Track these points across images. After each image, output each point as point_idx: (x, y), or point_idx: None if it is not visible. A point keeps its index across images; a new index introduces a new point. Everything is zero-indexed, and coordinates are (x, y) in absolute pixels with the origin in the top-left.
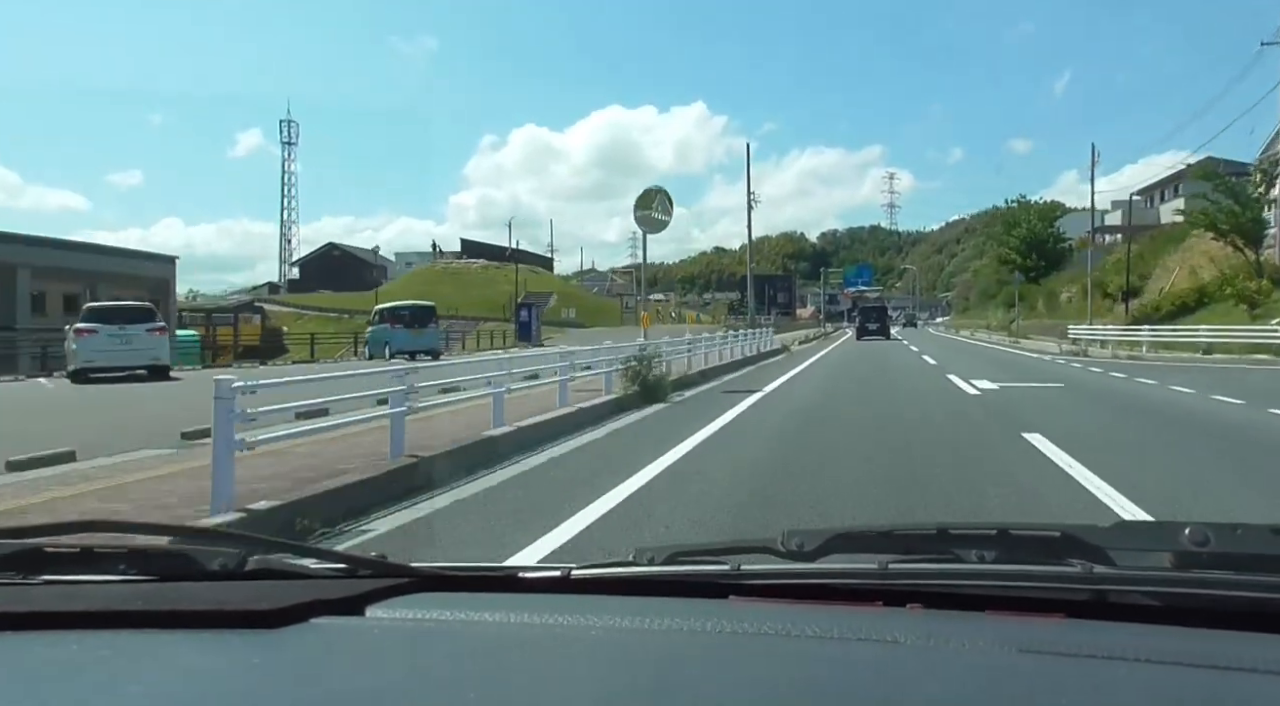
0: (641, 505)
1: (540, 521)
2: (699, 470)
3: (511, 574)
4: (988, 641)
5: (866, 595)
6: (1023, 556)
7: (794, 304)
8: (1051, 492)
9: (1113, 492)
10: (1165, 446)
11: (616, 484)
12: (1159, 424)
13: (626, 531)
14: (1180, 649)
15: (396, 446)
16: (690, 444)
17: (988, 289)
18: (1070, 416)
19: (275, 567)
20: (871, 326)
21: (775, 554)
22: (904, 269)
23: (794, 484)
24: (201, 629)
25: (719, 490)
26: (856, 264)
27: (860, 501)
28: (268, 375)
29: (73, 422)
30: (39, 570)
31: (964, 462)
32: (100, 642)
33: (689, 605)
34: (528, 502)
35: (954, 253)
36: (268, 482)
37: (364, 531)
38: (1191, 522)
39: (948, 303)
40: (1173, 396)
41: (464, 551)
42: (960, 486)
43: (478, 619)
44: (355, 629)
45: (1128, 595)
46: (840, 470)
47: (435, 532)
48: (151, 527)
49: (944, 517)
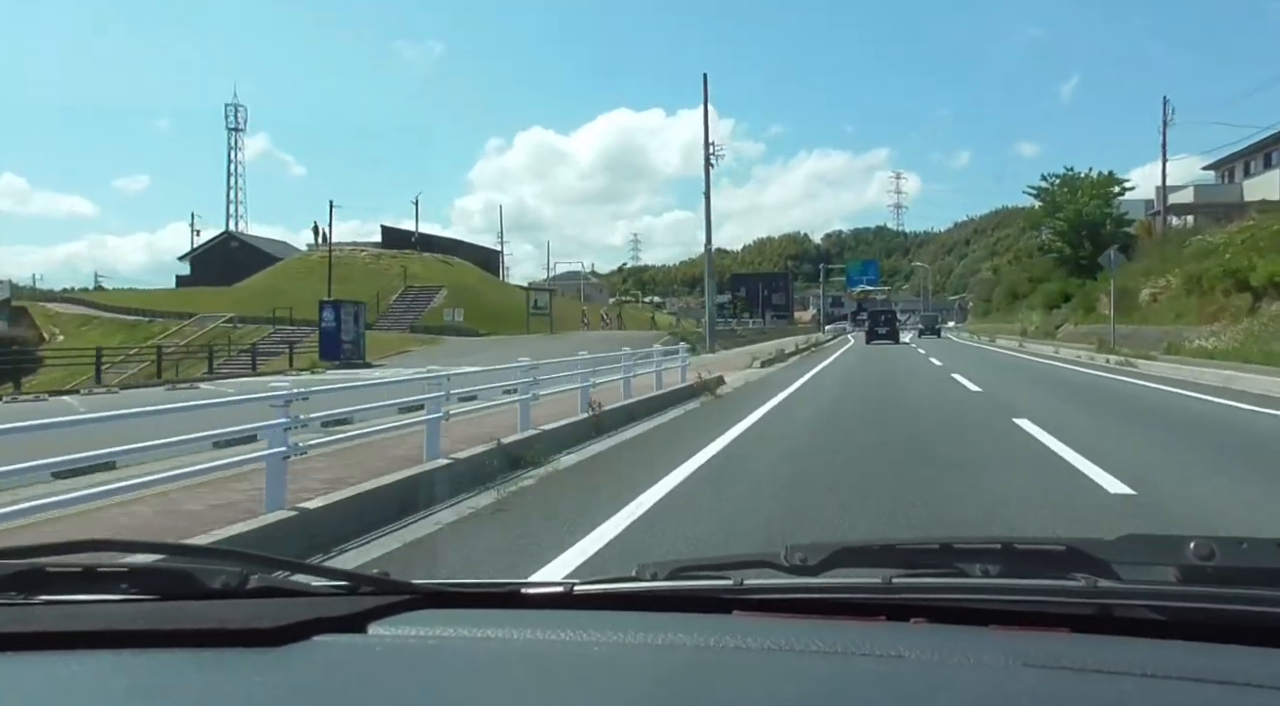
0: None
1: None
2: None
3: (514, 590)
4: (992, 656)
5: (870, 609)
6: (1027, 570)
7: (791, 305)
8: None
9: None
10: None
11: None
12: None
13: None
14: (1185, 663)
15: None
16: None
17: (1015, 287)
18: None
19: (277, 585)
20: (881, 330)
21: (778, 568)
22: (914, 266)
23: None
24: (203, 648)
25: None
26: (861, 260)
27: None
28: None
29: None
30: (40, 590)
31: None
32: (102, 662)
33: (692, 620)
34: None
35: (963, 254)
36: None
37: None
38: (1197, 536)
39: (960, 305)
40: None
41: None
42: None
43: (480, 636)
44: (357, 647)
45: (1132, 609)
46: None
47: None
48: (153, 546)
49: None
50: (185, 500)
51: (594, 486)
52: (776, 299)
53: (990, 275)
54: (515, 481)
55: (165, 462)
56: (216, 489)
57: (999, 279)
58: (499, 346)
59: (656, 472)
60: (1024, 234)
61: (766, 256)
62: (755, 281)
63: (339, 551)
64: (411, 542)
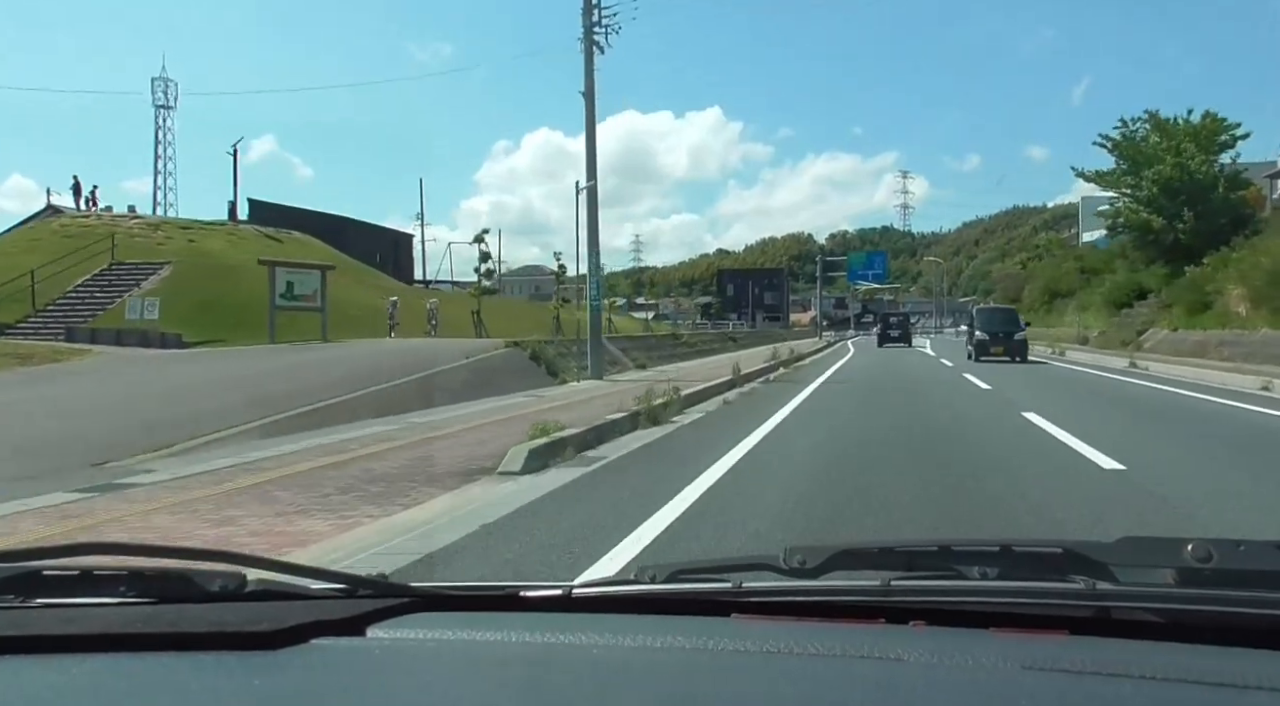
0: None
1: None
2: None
3: (513, 593)
4: (991, 658)
5: (869, 612)
6: (1025, 573)
7: (785, 305)
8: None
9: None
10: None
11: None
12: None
13: None
14: (1184, 666)
15: None
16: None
17: (1056, 282)
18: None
19: (275, 588)
20: (893, 333)
21: (777, 571)
22: (929, 261)
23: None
24: (201, 651)
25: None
26: (865, 252)
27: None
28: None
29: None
30: (38, 593)
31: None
32: (100, 666)
33: (691, 623)
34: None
35: (973, 254)
36: None
37: None
38: (1195, 538)
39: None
40: None
41: None
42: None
43: (479, 638)
44: (356, 649)
45: (1131, 611)
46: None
47: None
48: (150, 549)
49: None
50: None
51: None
52: (770, 298)
53: (1018, 269)
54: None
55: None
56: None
57: (1030, 274)
58: (114, 375)
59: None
60: (1046, 229)
61: (770, 257)
62: (745, 278)
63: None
64: None
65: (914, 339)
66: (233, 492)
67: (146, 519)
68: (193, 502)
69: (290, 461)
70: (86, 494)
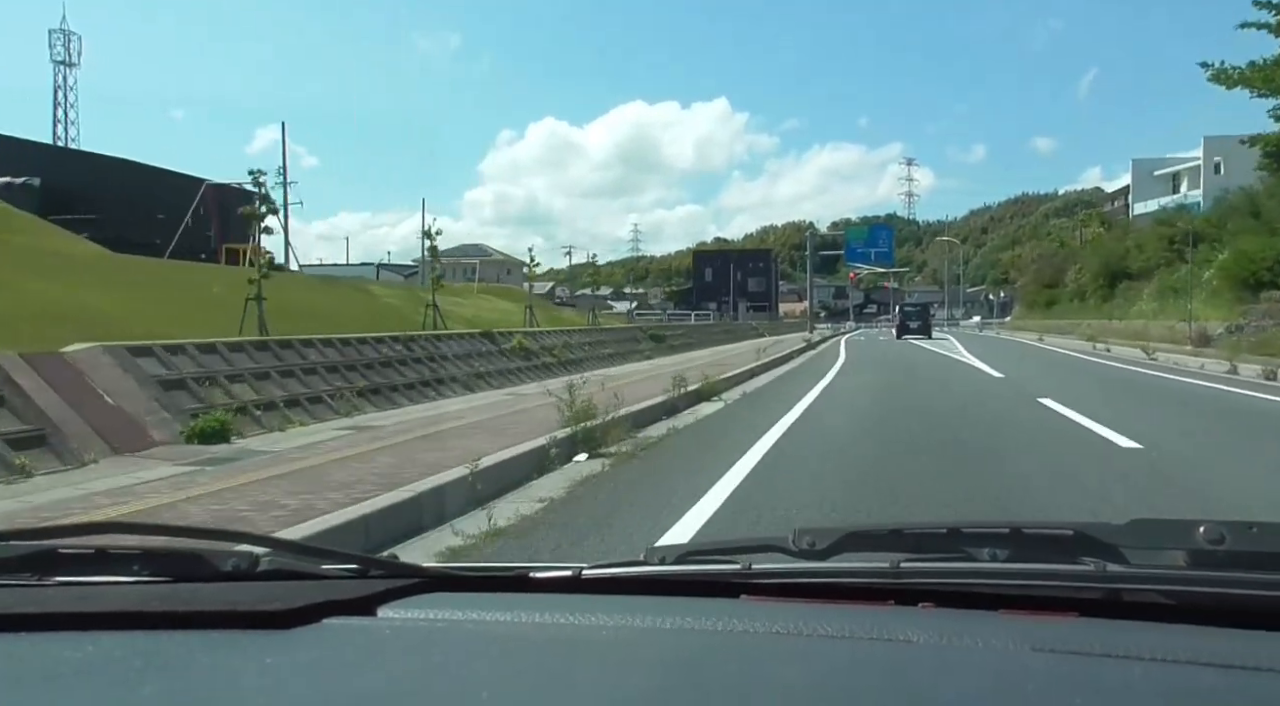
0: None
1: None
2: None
3: (522, 573)
4: (1001, 640)
5: (879, 594)
6: (1035, 555)
7: (774, 293)
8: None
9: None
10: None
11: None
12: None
13: None
14: (1195, 648)
15: None
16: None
17: (1116, 261)
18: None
19: (287, 568)
20: (912, 324)
21: (786, 552)
22: (942, 240)
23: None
24: (214, 629)
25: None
26: (866, 227)
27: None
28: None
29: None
30: (53, 571)
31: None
32: (115, 643)
33: (700, 604)
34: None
35: (980, 242)
36: None
37: None
38: (1206, 520)
39: (987, 296)
40: None
41: None
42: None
43: (489, 619)
44: (367, 629)
45: (1142, 593)
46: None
47: None
48: (165, 529)
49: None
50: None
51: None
52: (755, 285)
53: (1056, 249)
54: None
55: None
56: None
57: (1070, 254)
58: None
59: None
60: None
61: (769, 246)
62: (725, 261)
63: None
64: None
65: (933, 332)
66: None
67: None
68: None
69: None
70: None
